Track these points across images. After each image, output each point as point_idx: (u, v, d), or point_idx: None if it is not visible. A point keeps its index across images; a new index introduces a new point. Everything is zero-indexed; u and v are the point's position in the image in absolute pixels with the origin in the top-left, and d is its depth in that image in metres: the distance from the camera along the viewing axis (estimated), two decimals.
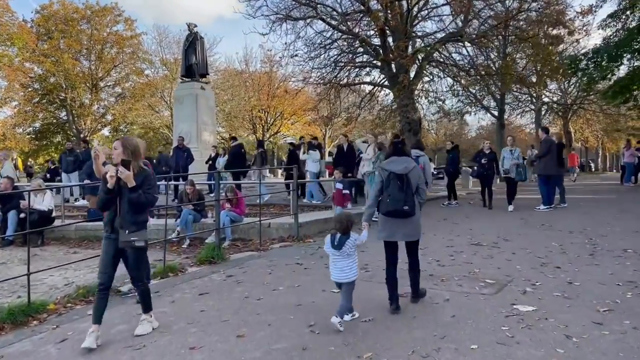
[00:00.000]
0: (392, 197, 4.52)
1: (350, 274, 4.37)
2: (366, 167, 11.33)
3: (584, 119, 40.30)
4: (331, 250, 4.43)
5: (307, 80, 17.15)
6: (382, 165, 4.80)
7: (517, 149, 11.88)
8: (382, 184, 4.67)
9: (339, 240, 4.42)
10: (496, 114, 26.17)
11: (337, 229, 4.50)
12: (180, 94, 23.26)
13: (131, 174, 4.14)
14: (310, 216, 10.13)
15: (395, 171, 4.57)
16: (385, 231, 4.75)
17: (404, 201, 4.50)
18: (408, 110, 16.66)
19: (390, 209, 4.56)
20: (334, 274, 4.44)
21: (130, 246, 4.18)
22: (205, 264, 7.18)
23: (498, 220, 10.51)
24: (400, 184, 4.52)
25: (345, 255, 4.37)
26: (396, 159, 4.74)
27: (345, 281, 4.37)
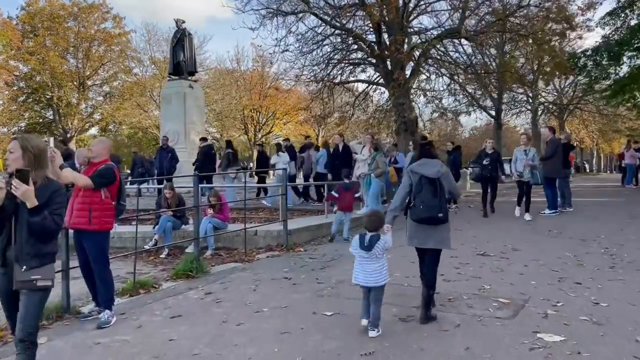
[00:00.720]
0: (426, 203, 4.27)
1: (381, 277, 4.09)
2: (361, 169, 10.62)
3: (580, 120, 39.81)
4: (359, 251, 4.13)
5: (299, 78, 16.41)
6: (412, 168, 4.53)
7: (532, 148, 10.54)
8: (410, 187, 4.44)
9: (369, 240, 4.11)
10: (493, 113, 25.59)
11: (368, 228, 4.22)
12: (167, 93, 22.44)
13: (31, 189, 2.95)
14: (301, 223, 9.39)
15: (427, 175, 4.35)
16: (416, 238, 4.47)
17: (438, 208, 4.29)
18: (404, 109, 15.98)
19: (424, 216, 4.31)
20: (361, 278, 4.12)
21: (29, 287, 3.02)
22: (182, 278, 6.42)
23: (502, 226, 9.82)
24: (433, 188, 4.30)
25: (374, 257, 4.08)
26: (427, 162, 4.49)
27: (375, 285, 4.07)
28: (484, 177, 11.04)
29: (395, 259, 6.25)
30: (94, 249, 4.85)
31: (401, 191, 4.56)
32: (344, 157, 11.12)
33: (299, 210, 12.21)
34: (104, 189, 4.86)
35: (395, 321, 4.49)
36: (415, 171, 4.44)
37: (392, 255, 5.67)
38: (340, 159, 11.10)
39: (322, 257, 7.42)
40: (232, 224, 9.41)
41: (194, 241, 6.72)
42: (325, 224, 9.45)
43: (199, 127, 22.72)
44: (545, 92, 35.61)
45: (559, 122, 39.52)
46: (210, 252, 8.11)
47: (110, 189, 4.92)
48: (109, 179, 4.87)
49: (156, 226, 8.24)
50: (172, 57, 22.88)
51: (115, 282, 6.53)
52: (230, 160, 14.14)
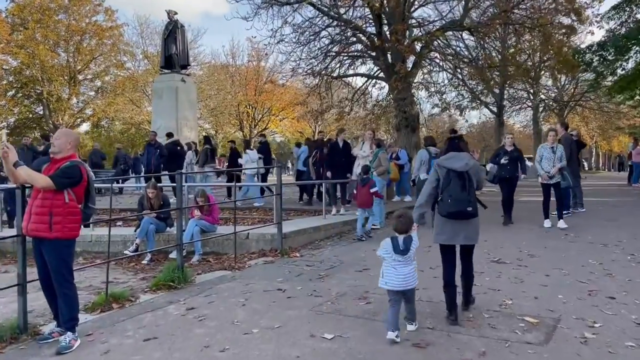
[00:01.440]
0: (454, 197, 4.15)
1: (413, 280, 3.99)
2: (362, 166, 9.90)
3: (581, 117, 39.22)
4: (393, 255, 3.92)
5: (295, 71, 15.64)
6: (439, 162, 4.41)
7: (559, 146, 9.01)
8: (437, 182, 4.31)
9: (404, 243, 3.93)
10: (495, 110, 24.90)
11: (399, 230, 4.01)
12: (159, 87, 21.67)
13: None
14: (297, 225, 8.68)
15: (455, 168, 4.22)
16: (445, 234, 4.33)
17: (467, 202, 4.17)
18: (405, 104, 15.26)
19: (453, 211, 4.17)
20: (395, 282, 3.91)
21: None
22: (163, 289, 5.71)
23: (514, 229, 9.14)
24: (462, 182, 4.18)
25: (409, 260, 3.94)
26: (455, 155, 4.38)
27: (408, 289, 3.96)
28: (502, 178, 9.35)
29: None
30: (55, 260, 4.12)
31: (427, 186, 4.40)
32: (344, 153, 10.39)
33: (296, 211, 11.52)
34: (68, 190, 4.14)
35: (406, 347, 3.81)
36: (443, 165, 4.29)
37: None
38: (340, 157, 10.37)
39: (320, 264, 6.73)
40: (224, 225, 8.72)
41: (177, 247, 6.00)
42: (324, 226, 8.76)
43: (192, 122, 21.98)
44: (545, 88, 34.99)
45: (559, 119, 38.94)
46: (198, 258, 7.40)
47: (76, 191, 4.20)
48: (73, 178, 4.15)
49: (138, 229, 7.51)
50: (163, 49, 22.09)
51: (87, 294, 5.88)
52: (207, 157, 13.49)
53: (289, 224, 8.74)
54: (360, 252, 7.47)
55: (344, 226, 9.33)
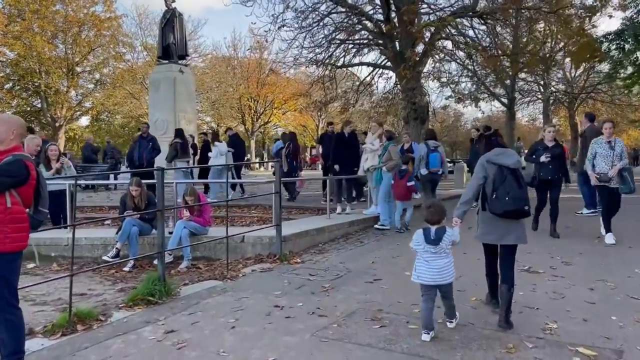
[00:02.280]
0: (512, 195, 3.96)
1: (449, 274, 3.80)
2: (370, 160, 9.07)
3: (592, 109, 38.07)
4: (425, 246, 3.79)
5: (298, 60, 14.74)
6: (489, 158, 4.18)
7: (618, 140, 7.15)
8: (484, 179, 4.14)
9: (435, 233, 3.81)
10: (505, 102, 23.92)
11: (430, 220, 3.88)
12: (156, 78, 20.82)
13: None
14: (298, 226, 7.82)
15: (508, 165, 4.05)
16: (494, 233, 4.13)
17: (525, 200, 3.99)
18: (414, 94, 14.35)
19: (511, 209, 3.97)
20: (427, 276, 3.76)
21: None
22: (141, 305, 4.87)
23: (540, 231, 8.25)
24: (517, 180, 4.02)
25: (443, 252, 3.79)
26: (504, 151, 4.23)
27: (444, 282, 3.79)
28: (542, 180, 7.55)
29: None
30: None
31: (474, 183, 4.21)
32: (351, 146, 9.51)
33: (297, 209, 10.69)
34: (11, 192, 3.31)
35: None
36: (494, 161, 4.09)
37: None
38: (346, 149, 9.49)
39: (324, 273, 5.88)
40: (218, 226, 7.89)
41: (159, 255, 5.16)
42: (328, 227, 7.91)
43: (190, 115, 21.13)
44: (555, 80, 33.92)
45: (569, 112, 37.92)
46: (186, 264, 6.58)
47: (22, 192, 3.37)
48: (16, 176, 3.31)
49: (119, 231, 6.67)
50: (161, 39, 21.21)
51: (52, 310, 5.06)
52: (177, 151, 12.68)
53: (289, 225, 7.89)
54: (369, 257, 6.63)
55: (351, 227, 8.49)
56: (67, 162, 7.73)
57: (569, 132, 40.15)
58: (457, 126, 64.87)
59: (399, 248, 7.09)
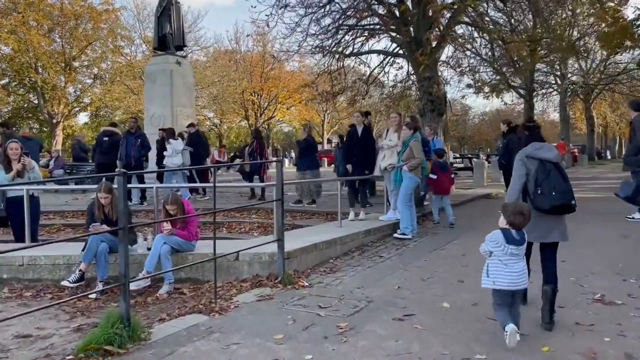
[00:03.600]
0: (558, 189, 3.76)
1: (526, 279, 3.55)
2: (388, 159, 7.80)
3: (609, 102, 36.63)
4: (507, 247, 3.44)
5: (302, 47, 13.43)
6: (529, 152, 3.94)
7: None
8: (526, 176, 3.91)
9: (518, 234, 3.50)
10: (522, 93, 22.51)
11: (521, 225, 3.52)
12: (152, 70, 19.54)
13: None
14: (304, 238, 6.53)
15: (550, 159, 3.88)
16: (538, 231, 3.85)
17: (571, 194, 3.81)
18: (431, 84, 13.05)
19: (558, 204, 3.75)
20: (505, 281, 3.42)
21: None
22: (95, 358, 3.62)
23: (590, 238, 6.95)
24: (561, 173, 3.85)
25: (523, 254, 3.52)
26: (544, 145, 4.01)
27: (521, 288, 3.53)
28: None
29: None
30: None
31: (517, 181, 4.00)
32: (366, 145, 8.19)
33: (303, 214, 9.46)
34: None
35: None
36: (534, 156, 3.95)
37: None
38: (359, 147, 8.18)
39: (339, 304, 4.61)
40: (210, 236, 6.63)
41: (121, 288, 3.89)
42: (340, 239, 6.63)
43: (189, 110, 19.83)
44: (570, 73, 32.46)
45: (585, 105, 36.49)
46: (168, 289, 5.33)
47: None
48: None
49: (85, 248, 5.41)
50: (156, 28, 19.90)
51: None
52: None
53: (294, 235, 6.63)
54: (393, 279, 5.35)
55: (366, 237, 7.22)
56: (30, 163, 6.48)
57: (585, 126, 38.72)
58: (466, 120, 63.48)
59: (427, 266, 5.82)
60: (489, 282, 3.50)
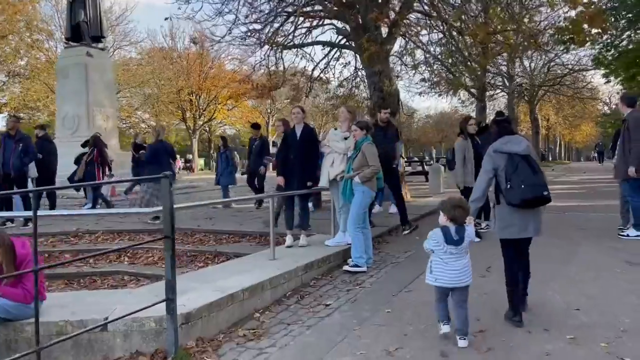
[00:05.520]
0: (527, 181, 3.69)
1: (468, 276, 3.53)
2: (337, 166, 6.05)
3: (552, 104, 36.75)
4: (446, 247, 3.49)
5: (231, 31, 11.45)
6: (496, 147, 3.90)
7: None
8: (494, 171, 3.87)
9: (457, 232, 3.51)
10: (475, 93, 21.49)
11: (460, 220, 3.55)
12: (64, 64, 17.02)
13: None
14: (217, 282, 4.58)
15: (518, 152, 3.80)
16: (514, 226, 3.83)
17: (542, 185, 3.73)
18: (382, 79, 11.47)
19: (528, 197, 3.69)
20: (446, 278, 3.49)
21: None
22: None
23: (584, 263, 5.44)
24: (530, 165, 3.74)
25: (463, 251, 3.53)
26: (512, 138, 3.94)
27: (464, 285, 3.52)
28: None
29: None
30: None
31: (483, 177, 3.92)
32: (304, 148, 6.31)
33: (230, 235, 7.58)
34: None
35: None
36: (502, 150, 3.87)
37: None
38: (295, 151, 6.30)
39: None
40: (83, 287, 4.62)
41: None
42: (271, 281, 4.77)
43: (109, 109, 17.40)
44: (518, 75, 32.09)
45: (530, 107, 36.45)
46: None
47: None
48: None
49: None
50: (69, 16, 17.37)
51: None
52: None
53: (202, 278, 4.71)
54: (345, 351, 3.56)
55: (308, 273, 5.40)
56: None
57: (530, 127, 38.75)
58: (411, 123, 63.19)
59: (392, 322, 4.08)
60: (431, 279, 3.56)
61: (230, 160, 11.45)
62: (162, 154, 8.64)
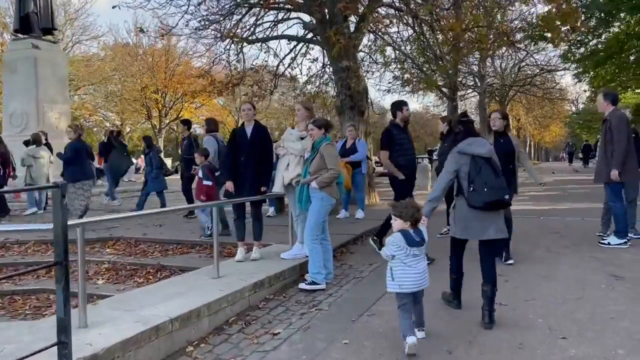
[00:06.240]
0: (490, 185, 3.68)
1: (426, 278, 3.50)
2: (293, 169, 5.38)
3: (523, 105, 36.82)
4: (409, 250, 3.40)
5: (189, 24, 10.68)
6: (460, 148, 3.85)
7: None
8: (456, 172, 3.84)
9: (416, 234, 3.46)
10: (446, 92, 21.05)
11: (416, 220, 3.46)
12: (11, 58, 15.82)
13: None
14: (139, 312, 3.85)
15: (482, 154, 3.78)
16: (472, 228, 3.82)
17: (504, 189, 3.75)
18: (349, 76, 10.85)
19: (490, 200, 3.68)
20: (412, 281, 3.40)
21: None
22: None
23: (566, 279, 4.89)
24: (493, 168, 3.75)
25: (424, 253, 3.51)
26: (476, 140, 3.89)
27: (422, 288, 3.51)
28: None
29: None
30: None
31: (445, 177, 3.90)
32: (254, 149, 5.56)
33: (177, 245, 6.83)
34: None
35: None
36: (465, 151, 3.82)
37: None
38: (245, 153, 5.54)
39: None
40: None
41: None
42: (209, 307, 4.05)
43: (61, 106, 16.27)
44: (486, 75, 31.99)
45: (501, 107, 36.43)
46: None
47: None
48: None
49: None
50: (18, 7, 16.19)
51: None
52: None
53: (121, 305, 3.95)
54: None
55: (257, 293, 4.69)
56: None
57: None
58: (383, 124, 63.07)
59: (351, 351, 3.42)
60: (395, 286, 3.44)
61: (155, 162, 9.71)
62: (82, 153, 7.87)
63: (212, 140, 7.61)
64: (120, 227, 8.14)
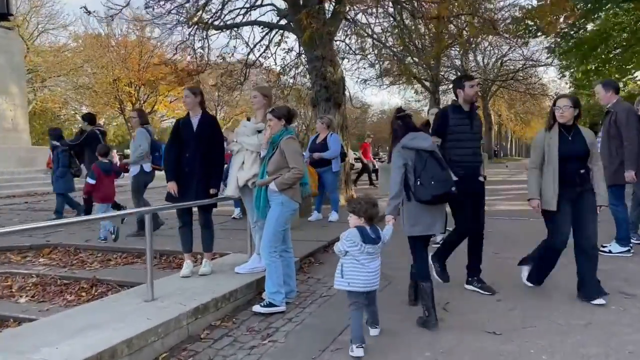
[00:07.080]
0: (437, 178, 3.64)
1: (378, 278, 3.41)
2: (249, 168, 4.57)
3: (505, 100, 36.44)
4: (364, 247, 3.30)
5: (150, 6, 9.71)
6: (405, 143, 3.76)
7: None
8: (405, 167, 3.76)
9: (373, 230, 3.37)
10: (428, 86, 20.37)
11: (374, 218, 3.41)
12: None
13: None
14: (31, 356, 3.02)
15: (425, 148, 3.74)
16: (421, 224, 3.79)
17: (450, 182, 3.69)
18: (324, 65, 10.02)
19: (439, 193, 3.63)
20: (360, 282, 3.30)
21: None
22: None
23: (566, 297, 4.16)
24: (437, 162, 3.71)
25: (379, 251, 3.42)
26: (417, 134, 3.83)
27: (374, 288, 3.42)
28: None
29: None
30: None
31: (397, 172, 3.77)
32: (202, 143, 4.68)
33: (124, 254, 5.95)
34: None
35: None
36: (410, 146, 3.76)
37: None
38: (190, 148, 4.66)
39: None
40: None
41: None
42: (129, 344, 3.19)
43: (18, 98, 15.16)
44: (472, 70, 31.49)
45: (482, 102, 36.04)
46: None
47: None
48: None
49: None
50: None
51: None
52: None
53: (13, 346, 3.08)
54: None
55: (198, 320, 3.85)
56: None
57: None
58: (365, 119, 62.30)
59: None
60: (344, 284, 3.35)
61: (63, 160, 8.37)
62: None
63: (144, 133, 6.81)
64: (63, 231, 7.21)
